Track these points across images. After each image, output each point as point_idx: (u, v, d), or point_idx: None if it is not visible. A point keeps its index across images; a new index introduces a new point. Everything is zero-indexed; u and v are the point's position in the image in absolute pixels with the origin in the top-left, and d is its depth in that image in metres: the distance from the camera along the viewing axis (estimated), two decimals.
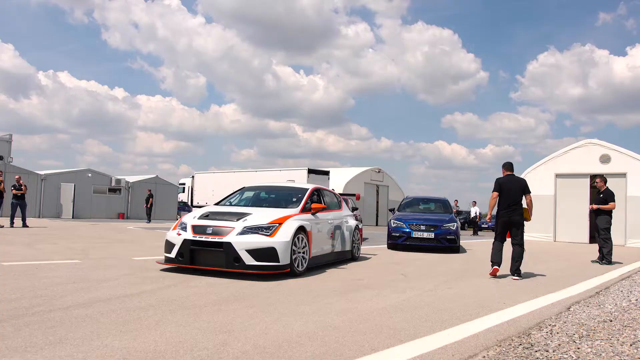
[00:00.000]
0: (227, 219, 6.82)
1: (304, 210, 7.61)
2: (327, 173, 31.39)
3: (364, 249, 12.58)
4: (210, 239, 6.52)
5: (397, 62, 73.94)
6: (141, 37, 71.05)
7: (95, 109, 67.70)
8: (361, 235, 10.21)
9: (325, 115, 78.69)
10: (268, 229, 6.62)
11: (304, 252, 7.07)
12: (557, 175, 19.36)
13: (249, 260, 6.36)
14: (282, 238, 6.58)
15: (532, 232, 18.54)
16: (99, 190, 29.76)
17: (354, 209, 16.32)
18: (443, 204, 14.44)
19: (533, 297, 5.76)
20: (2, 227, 15.54)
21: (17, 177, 17.09)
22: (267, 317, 4.21)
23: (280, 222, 6.79)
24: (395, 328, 3.97)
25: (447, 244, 12.08)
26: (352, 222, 9.67)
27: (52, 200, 27.61)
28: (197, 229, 6.72)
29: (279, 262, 6.47)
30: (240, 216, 6.89)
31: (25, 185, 16.74)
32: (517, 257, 7.49)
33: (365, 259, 9.98)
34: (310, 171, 29.65)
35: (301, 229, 7.07)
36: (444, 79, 71.59)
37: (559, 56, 68.68)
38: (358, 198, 11.77)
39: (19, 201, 16.35)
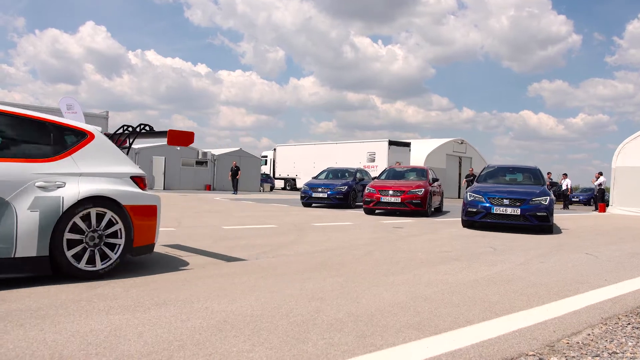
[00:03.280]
0: None
1: None
2: (408, 145, 30.90)
3: (441, 221, 12.27)
4: None
5: (480, 28, 70.75)
6: (221, 13, 73.03)
7: (180, 85, 70.86)
8: (153, 220, 4.84)
9: (405, 85, 77.27)
10: None
11: None
12: None
13: None
14: None
15: (629, 207, 17.32)
16: (187, 163, 31.26)
17: (434, 180, 15.15)
18: (533, 174, 12.38)
19: (638, 275, 5.37)
20: None
21: None
22: (357, 286, 4.24)
23: None
24: (489, 301, 3.85)
25: (537, 222, 9.88)
26: (70, 192, 4.03)
27: (145, 172, 29.15)
28: None
29: None
30: None
31: None
32: None
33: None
34: (390, 143, 29.34)
35: None
36: (531, 44, 67.66)
37: None
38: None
39: None
